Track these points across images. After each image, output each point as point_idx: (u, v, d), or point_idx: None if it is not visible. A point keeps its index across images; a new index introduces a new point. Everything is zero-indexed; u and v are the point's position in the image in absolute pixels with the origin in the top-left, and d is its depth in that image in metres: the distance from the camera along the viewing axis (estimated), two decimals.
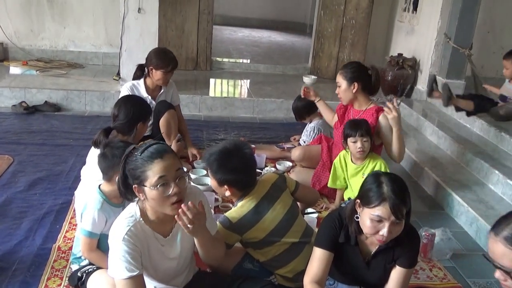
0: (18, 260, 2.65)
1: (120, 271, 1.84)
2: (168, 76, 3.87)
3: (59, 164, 3.90)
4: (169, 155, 1.86)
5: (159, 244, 1.97)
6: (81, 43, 6.65)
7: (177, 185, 1.84)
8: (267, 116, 5.63)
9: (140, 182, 1.85)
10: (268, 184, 2.42)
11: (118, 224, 1.91)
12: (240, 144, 2.38)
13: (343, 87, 3.41)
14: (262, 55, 8.26)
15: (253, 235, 2.31)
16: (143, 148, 1.86)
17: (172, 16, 6.55)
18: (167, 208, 1.87)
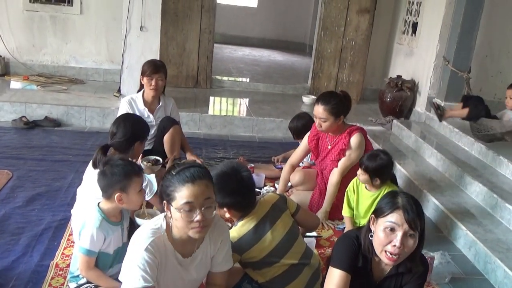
0: (15, 276, 2.63)
1: (134, 280, 1.84)
2: (153, 81, 3.85)
3: (58, 180, 3.90)
4: (201, 182, 1.85)
5: (177, 263, 1.98)
6: (83, 59, 6.69)
7: (202, 213, 1.85)
8: (266, 135, 5.65)
9: (169, 200, 1.87)
10: (269, 204, 2.43)
11: (143, 233, 1.92)
12: (237, 166, 2.39)
13: (330, 122, 3.47)
14: (261, 74, 8.31)
15: (253, 255, 2.31)
16: (180, 168, 1.87)
17: (173, 34, 6.61)
18: (189, 230, 1.88)
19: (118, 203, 2.28)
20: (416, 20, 6.39)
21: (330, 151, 3.60)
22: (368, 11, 6.76)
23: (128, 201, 2.30)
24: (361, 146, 3.50)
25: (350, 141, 3.50)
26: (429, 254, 2.96)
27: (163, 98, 4.04)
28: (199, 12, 6.68)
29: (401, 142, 5.45)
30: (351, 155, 3.50)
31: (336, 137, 3.58)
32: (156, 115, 3.97)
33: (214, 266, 2.12)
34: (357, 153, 3.49)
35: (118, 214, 2.38)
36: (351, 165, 3.50)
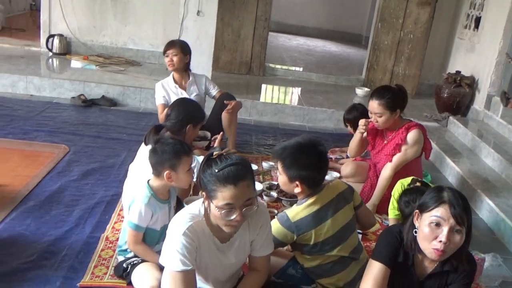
0: (68, 246, 2.74)
1: (174, 263, 1.87)
2: (168, 57, 4.02)
3: (111, 157, 4.02)
4: (243, 183, 1.82)
5: (216, 248, 1.99)
6: (140, 41, 6.83)
7: (241, 214, 1.84)
8: (317, 125, 5.61)
9: (208, 196, 1.87)
10: (336, 191, 2.38)
11: (181, 218, 1.94)
12: (315, 140, 2.34)
13: (386, 117, 3.40)
14: (315, 64, 8.24)
15: (307, 238, 2.28)
16: (222, 166, 1.83)
17: (229, 20, 6.64)
18: (223, 226, 1.89)
19: (167, 181, 2.33)
20: (479, 15, 6.14)
21: (386, 145, 3.54)
22: (429, 3, 6.55)
23: (176, 179, 2.34)
24: (419, 143, 3.42)
25: (407, 136, 3.42)
26: (480, 255, 2.86)
27: (192, 74, 4.16)
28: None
29: (456, 139, 5.28)
30: (407, 150, 3.41)
31: (393, 132, 3.50)
32: (189, 91, 4.08)
33: (254, 251, 2.12)
34: (414, 150, 3.41)
35: (166, 192, 2.43)
36: (405, 161, 3.43)
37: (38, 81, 5.40)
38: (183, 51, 4.06)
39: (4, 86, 5.33)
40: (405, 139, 3.43)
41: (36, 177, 3.50)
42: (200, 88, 4.14)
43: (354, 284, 2.34)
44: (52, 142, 4.14)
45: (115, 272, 2.51)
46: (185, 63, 4.09)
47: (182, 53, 4.04)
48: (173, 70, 4.07)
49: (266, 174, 4.05)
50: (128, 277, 2.40)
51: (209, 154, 1.91)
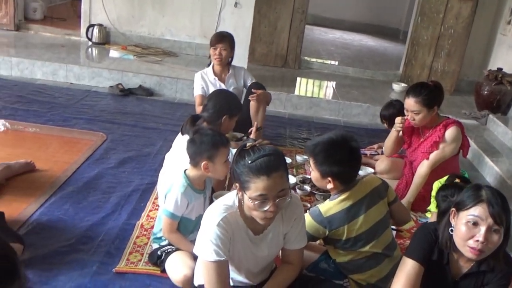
0: (104, 231, 2.81)
1: (208, 253, 1.89)
2: (217, 51, 3.99)
3: (147, 146, 4.08)
4: (277, 174, 1.82)
5: (249, 240, 2.00)
6: (177, 32, 6.89)
7: (275, 205, 1.84)
8: (352, 120, 5.55)
9: (241, 187, 1.88)
10: (369, 187, 2.36)
11: (216, 209, 1.96)
12: (347, 136, 2.33)
13: (423, 114, 3.34)
14: (351, 58, 8.15)
15: (340, 233, 2.28)
16: (255, 157, 1.83)
17: (266, 12, 6.62)
18: (257, 218, 1.89)
19: (204, 171, 2.35)
20: None
21: (423, 143, 3.48)
22: None
23: (213, 170, 2.36)
24: (457, 140, 3.36)
25: (445, 134, 3.35)
26: None
27: (232, 67, 4.14)
28: None
29: (495, 138, 5.14)
30: (445, 148, 3.35)
31: (430, 129, 3.44)
32: (227, 84, 4.08)
33: (288, 244, 2.12)
34: (452, 147, 3.34)
35: (202, 183, 2.46)
36: (443, 158, 3.36)
37: (78, 69, 5.51)
38: (231, 46, 4.07)
39: (45, 74, 5.47)
40: (443, 137, 3.37)
41: (75, 163, 3.59)
42: (239, 81, 4.15)
43: (386, 281, 2.32)
44: (90, 129, 4.23)
45: (149, 259, 2.56)
46: (230, 58, 4.10)
47: (230, 48, 4.04)
48: (218, 64, 4.05)
49: (300, 168, 4.04)
50: (162, 265, 2.45)
51: (242, 146, 1.91)
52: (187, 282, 2.32)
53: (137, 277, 2.47)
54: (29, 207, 2.95)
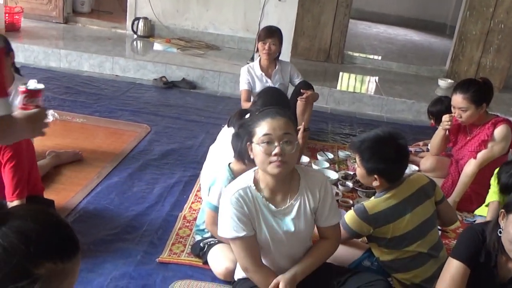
0: (148, 222, 2.86)
1: (228, 231, 1.95)
2: (264, 46, 3.94)
3: (190, 139, 4.12)
4: (281, 117, 1.93)
5: (271, 214, 2.00)
6: (220, 26, 6.91)
7: (280, 147, 1.88)
8: (395, 116, 5.45)
9: (250, 138, 1.96)
10: (416, 185, 2.32)
11: (229, 187, 2.02)
12: (394, 133, 2.29)
13: (471, 111, 3.24)
14: (396, 53, 8.00)
15: (385, 232, 2.25)
16: (262, 109, 1.98)
17: (310, 6, 6.56)
18: (268, 166, 1.91)
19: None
20: None
21: (470, 141, 3.38)
22: None
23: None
24: (507, 139, 3.24)
25: (494, 132, 3.24)
26: None
27: (279, 62, 4.10)
28: None
29: None
30: (494, 147, 3.25)
31: (477, 127, 3.34)
32: (274, 79, 4.05)
33: (321, 221, 2.08)
34: (501, 146, 3.24)
35: None
36: (491, 158, 3.26)
37: (123, 62, 5.62)
38: (280, 41, 4.04)
39: (92, 66, 5.60)
40: (491, 135, 3.26)
41: (120, 154, 3.67)
42: (285, 77, 4.12)
43: (431, 282, 2.27)
44: (135, 121, 4.31)
45: (192, 250, 2.59)
46: (278, 53, 4.08)
47: (279, 43, 4.01)
48: (266, 59, 4.03)
49: (342, 164, 4.00)
50: (204, 256, 2.48)
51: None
52: (228, 274, 2.34)
53: (180, 267, 2.50)
54: (76, 196, 3.04)
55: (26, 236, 0.98)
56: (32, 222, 1.00)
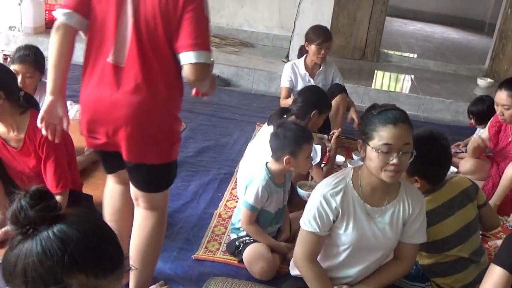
0: (183, 219, 2.88)
1: (304, 221, 1.94)
2: (320, 50, 3.88)
3: (225, 136, 4.13)
4: (403, 125, 1.81)
5: (365, 212, 1.94)
6: (255, 23, 6.90)
7: (398, 157, 1.79)
8: (433, 116, 5.34)
9: (366, 139, 1.85)
10: (459, 188, 2.27)
11: (326, 180, 1.97)
12: (437, 134, 2.26)
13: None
14: (433, 51, 7.84)
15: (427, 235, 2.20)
16: (382, 109, 1.85)
17: (345, 4, 6.49)
18: (382, 173, 1.84)
19: (286, 166, 2.35)
20: None
21: (511, 142, 3.29)
22: None
23: (295, 165, 2.35)
24: None
25: None
26: None
27: (324, 63, 4.05)
28: None
29: None
30: None
31: None
32: (317, 80, 4.01)
33: (406, 236, 2.02)
34: None
35: (282, 177, 2.45)
36: None
37: None
38: (332, 44, 4.01)
39: None
40: None
41: None
42: (328, 78, 4.07)
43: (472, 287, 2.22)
44: None
45: (227, 248, 2.59)
46: None
47: (331, 46, 3.98)
48: (320, 63, 3.97)
49: None
50: (239, 255, 2.48)
51: (370, 106, 1.93)
52: (264, 274, 2.34)
53: (215, 265, 2.51)
54: None
55: (65, 243, 0.97)
56: (76, 230, 0.99)
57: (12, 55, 3.10)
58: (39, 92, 3.13)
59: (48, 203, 1.00)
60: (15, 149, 2.44)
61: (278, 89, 5.47)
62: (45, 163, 2.44)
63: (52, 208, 1.00)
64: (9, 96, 2.31)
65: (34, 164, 2.46)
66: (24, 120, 2.40)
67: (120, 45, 1.79)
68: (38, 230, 0.98)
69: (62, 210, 1.02)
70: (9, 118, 2.38)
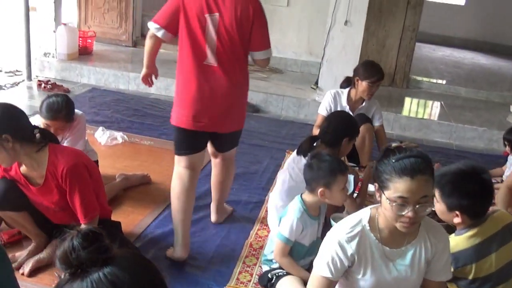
0: (214, 249, 2.85)
1: (317, 265, 1.87)
2: (372, 88, 3.81)
3: (254, 164, 4.11)
4: (422, 177, 1.68)
5: (383, 255, 1.86)
6: (284, 49, 6.92)
7: (414, 211, 1.69)
8: (465, 144, 5.24)
9: (380, 187, 1.77)
10: (501, 223, 2.19)
11: (342, 225, 1.88)
12: (478, 167, 2.18)
13: None
14: (463, 77, 7.73)
15: (467, 272, 2.12)
16: (400, 156, 1.71)
17: (375, 30, 6.49)
18: (396, 222, 1.76)
19: (320, 198, 2.31)
20: None
21: None
22: None
23: (330, 197, 2.31)
24: None
25: None
26: None
27: (367, 99, 3.94)
28: (404, 9, 6.46)
29: None
30: None
31: None
32: (357, 113, 3.91)
33: (431, 274, 1.94)
34: None
35: (317, 209, 2.41)
36: None
37: None
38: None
39: (159, 89, 5.74)
40: None
41: None
42: (368, 115, 3.97)
43: None
44: None
45: (259, 281, 2.54)
46: None
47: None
48: (368, 99, 3.89)
49: None
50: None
51: (388, 146, 1.82)
52: None
53: None
54: (144, 219, 3.08)
55: (117, 287, 0.96)
56: (128, 275, 0.97)
57: (43, 106, 2.97)
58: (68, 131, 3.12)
59: (100, 244, 0.99)
60: (38, 186, 2.41)
61: (307, 115, 5.48)
62: (71, 195, 2.38)
63: (104, 250, 0.99)
64: (18, 138, 2.25)
65: (57, 199, 2.43)
66: (42, 156, 2.35)
67: (211, 51, 2.52)
68: (88, 272, 0.97)
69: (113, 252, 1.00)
70: (26, 158, 2.33)
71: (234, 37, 2.50)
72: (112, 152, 3.99)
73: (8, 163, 2.34)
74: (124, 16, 7.06)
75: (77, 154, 2.49)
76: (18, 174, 2.42)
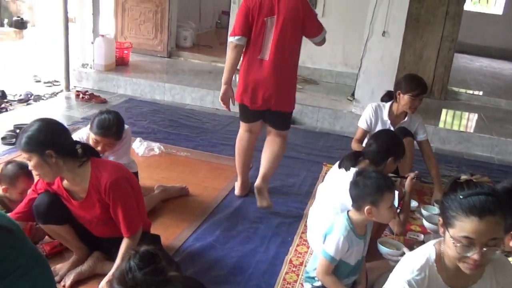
0: (253, 264, 2.80)
1: None
2: (415, 102, 3.69)
3: (291, 176, 4.06)
4: (491, 218, 1.55)
5: None
6: (318, 60, 6.87)
7: (481, 253, 1.56)
8: (508, 158, 5.07)
9: (445, 223, 1.66)
10: None
11: (410, 262, 1.75)
12: None
13: None
14: (503, 89, 7.55)
15: None
16: (469, 192, 1.59)
17: (412, 41, 6.38)
18: (459, 263, 1.64)
19: (367, 216, 2.24)
20: None
21: None
22: None
23: (377, 215, 2.24)
24: None
25: None
26: None
27: (409, 115, 3.82)
28: (442, 19, 6.35)
29: None
30: None
31: None
32: (398, 126, 3.80)
33: None
34: None
35: (363, 227, 2.34)
36: None
37: None
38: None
39: (194, 99, 5.75)
40: None
41: (223, 190, 3.68)
42: (411, 130, 3.84)
43: None
44: None
45: None
46: None
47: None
48: (411, 113, 3.78)
49: None
50: None
51: (456, 178, 1.72)
52: None
53: None
54: (183, 232, 3.05)
55: None
56: None
57: (94, 122, 2.96)
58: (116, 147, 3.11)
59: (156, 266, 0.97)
60: (80, 200, 2.41)
61: (343, 127, 5.41)
62: (114, 209, 2.38)
63: (160, 272, 0.97)
64: (61, 153, 2.26)
65: (99, 213, 2.43)
66: (85, 171, 2.35)
67: (266, 48, 3.23)
68: None
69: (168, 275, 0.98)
70: (68, 173, 2.33)
71: (286, 34, 3.19)
72: (149, 163, 4.00)
73: (51, 178, 2.35)
74: (160, 27, 7.14)
75: (118, 168, 2.49)
76: (61, 188, 2.43)
